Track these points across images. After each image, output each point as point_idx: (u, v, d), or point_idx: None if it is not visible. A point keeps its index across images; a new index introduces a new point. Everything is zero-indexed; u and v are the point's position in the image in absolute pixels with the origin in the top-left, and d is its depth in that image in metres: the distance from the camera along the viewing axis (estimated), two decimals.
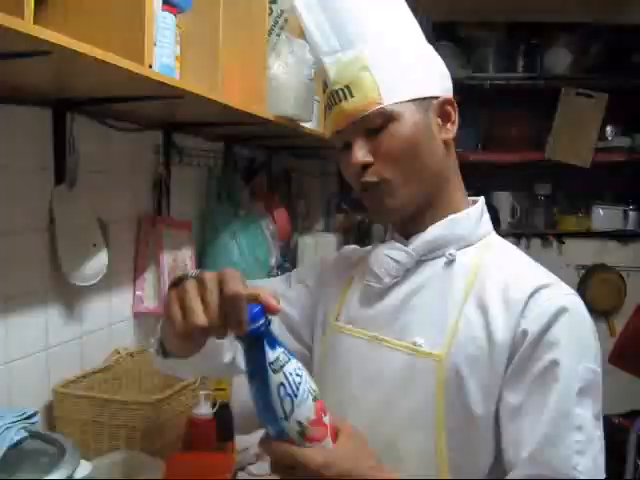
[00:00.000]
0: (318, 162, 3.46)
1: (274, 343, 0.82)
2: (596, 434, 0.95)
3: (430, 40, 1.18)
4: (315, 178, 3.58)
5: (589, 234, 3.81)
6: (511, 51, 3.81)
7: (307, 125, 2.01)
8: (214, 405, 1.59)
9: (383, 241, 1.17)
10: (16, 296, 1.44)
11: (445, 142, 1.12)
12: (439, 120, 1.11)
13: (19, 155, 1.44)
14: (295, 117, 1.87)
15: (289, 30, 1.79)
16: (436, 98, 1.10)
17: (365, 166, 1.08)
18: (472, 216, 1.12)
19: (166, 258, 1.94)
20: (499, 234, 1.18)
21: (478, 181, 3.73)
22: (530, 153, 3.76)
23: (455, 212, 1.11)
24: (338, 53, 1.09)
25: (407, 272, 1.10)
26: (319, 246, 2.98)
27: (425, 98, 1.09)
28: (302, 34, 1.30)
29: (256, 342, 0.81)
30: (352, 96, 1.07)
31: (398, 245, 1.11)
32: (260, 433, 1.74)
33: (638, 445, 3.04)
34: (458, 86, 1.22)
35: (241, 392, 1.49)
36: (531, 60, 3.81)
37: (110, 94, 1.43)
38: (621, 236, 3.79)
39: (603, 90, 3.64)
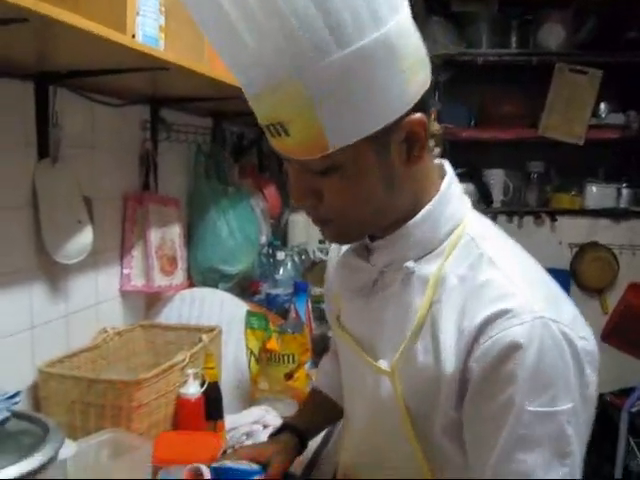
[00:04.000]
0: None
1: None
2: (549, 478, 0.85)
3: (422, 16, 1.02)
4: None
5: (582, 212, 3.79)
6: (504, 27, 3.76)
7: None
8: (203, 384, 1.57)
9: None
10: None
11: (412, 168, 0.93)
12: (405, 148, 0.90)
13: (0, 128, 1.40)
14: None
15: None
16: (402, 119, 0.87)
17: None
18: (431, 214, 0.96)
19: (154, 236, 1.91)
20: (491, 212, 1.07)
21: (471, 158, 3.75)
22: (523, 130, 3.72)
23: (417, 210, 0.96)
24: (263, 83, 0.84)
25: (376, 280, 1.03)
26: (310, 223, 2.94)
27: (385, 126, 0.86)
28: None
29: None
30: (288, 135, 0.85)
31: (355, 264, 1.04)
32: (249, 412, 1.73)
33: (630, 423, 3.05)
34: (450, 62, 1.07)
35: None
36: (524, 36, 3.76)
37: (93, 66, 1.40)
38: (614, 214, 3.78)
39: (597, 66, 3.60)
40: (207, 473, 1.16)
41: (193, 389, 1.55)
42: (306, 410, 1.44)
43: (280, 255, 2.64)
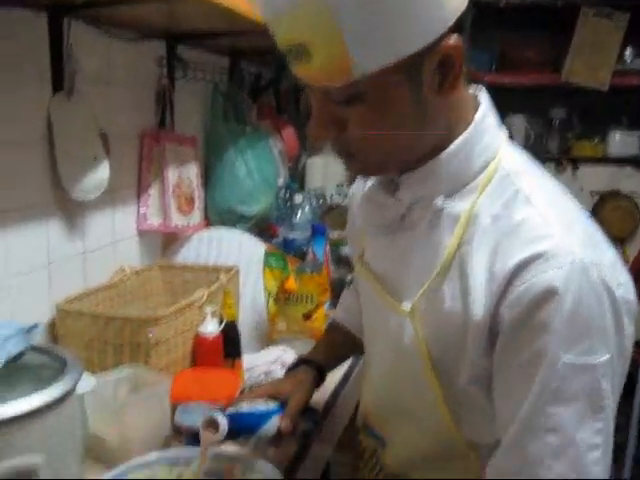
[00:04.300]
0: None
1: None
2: (578, 436, 0.79)
3: None
4: None
5: (604, 159, 3.72)
6: None
7: None
8: (221, 322, 1.56)
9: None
10: (15, 209, 1.40)
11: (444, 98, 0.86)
12: (438, 76, 0.82)
13: (13, 61, 1.36)
14: None
15: None
16: (436, 42, 0.79)
17: None
18: (466, 144, 0.89)
19: (171, 174, 1.88)
20: None
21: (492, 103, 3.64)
22: (546, 76, 3.63)
23: (449, 143, 0.89)
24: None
25: (404, 215, 0.96)
26: (328, 167, 2.91)
27: (417, 52, 0.78)
28: None
29: None
30: (310, 58, 0.78)
31: (381, 199, 0.98)
32: (267, 352, 1.71)
33: None
34: (472, 5, 0.97)
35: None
36: None
37: None
38: (637, 162, 3.70)
39: (623, 9, 3.49)
40: (224, 423, 1.12)
41: (211, 327, 1.54)
42: (323, 343, 1.40)
43: (297, 198, 2.61)
